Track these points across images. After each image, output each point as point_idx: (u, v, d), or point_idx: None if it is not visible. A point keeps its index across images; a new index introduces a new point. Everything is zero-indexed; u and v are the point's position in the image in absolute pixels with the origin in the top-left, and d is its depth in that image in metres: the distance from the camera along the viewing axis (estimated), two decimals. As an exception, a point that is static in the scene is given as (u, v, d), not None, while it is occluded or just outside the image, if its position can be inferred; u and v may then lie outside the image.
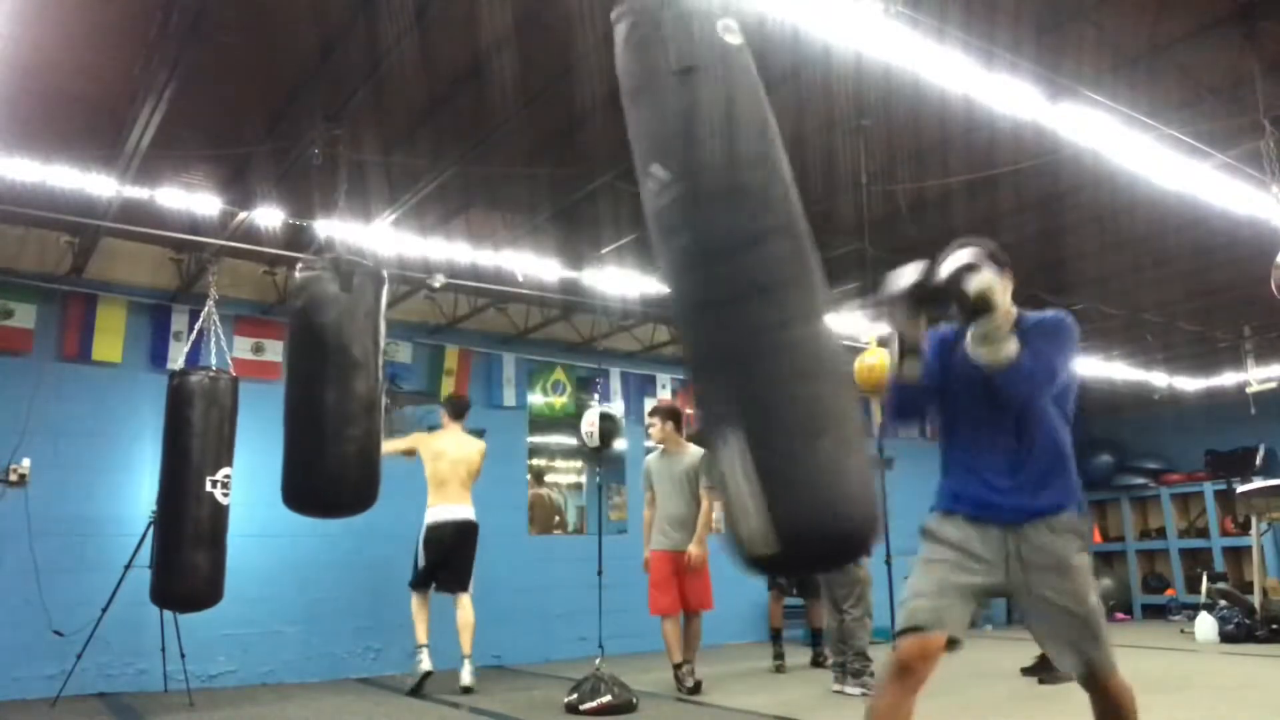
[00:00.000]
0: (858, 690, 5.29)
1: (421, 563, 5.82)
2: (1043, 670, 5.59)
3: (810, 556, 1.89)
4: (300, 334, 4.25)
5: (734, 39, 1.99)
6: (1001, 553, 2.34)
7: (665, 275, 2.03)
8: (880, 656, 5.04)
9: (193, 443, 4.99)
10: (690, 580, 5.68)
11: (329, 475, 4.06)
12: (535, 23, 3.95)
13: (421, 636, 5.72)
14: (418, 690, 5.59)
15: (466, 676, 5.65)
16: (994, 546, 2.35)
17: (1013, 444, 2.40)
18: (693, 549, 5.65)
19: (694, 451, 5.90)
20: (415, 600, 5.83)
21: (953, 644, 2.26)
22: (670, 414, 6.12)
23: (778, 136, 2.03)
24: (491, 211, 6.29)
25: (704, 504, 5.78)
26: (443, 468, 5.90)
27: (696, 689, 5.49)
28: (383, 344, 4.31)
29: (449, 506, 5.85)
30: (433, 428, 6.40)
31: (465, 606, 5.81)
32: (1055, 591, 2.30)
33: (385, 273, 4.47)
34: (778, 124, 2.04)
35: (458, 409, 6.25)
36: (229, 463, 5.07)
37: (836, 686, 5.43)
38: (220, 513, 4.99)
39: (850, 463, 1.84)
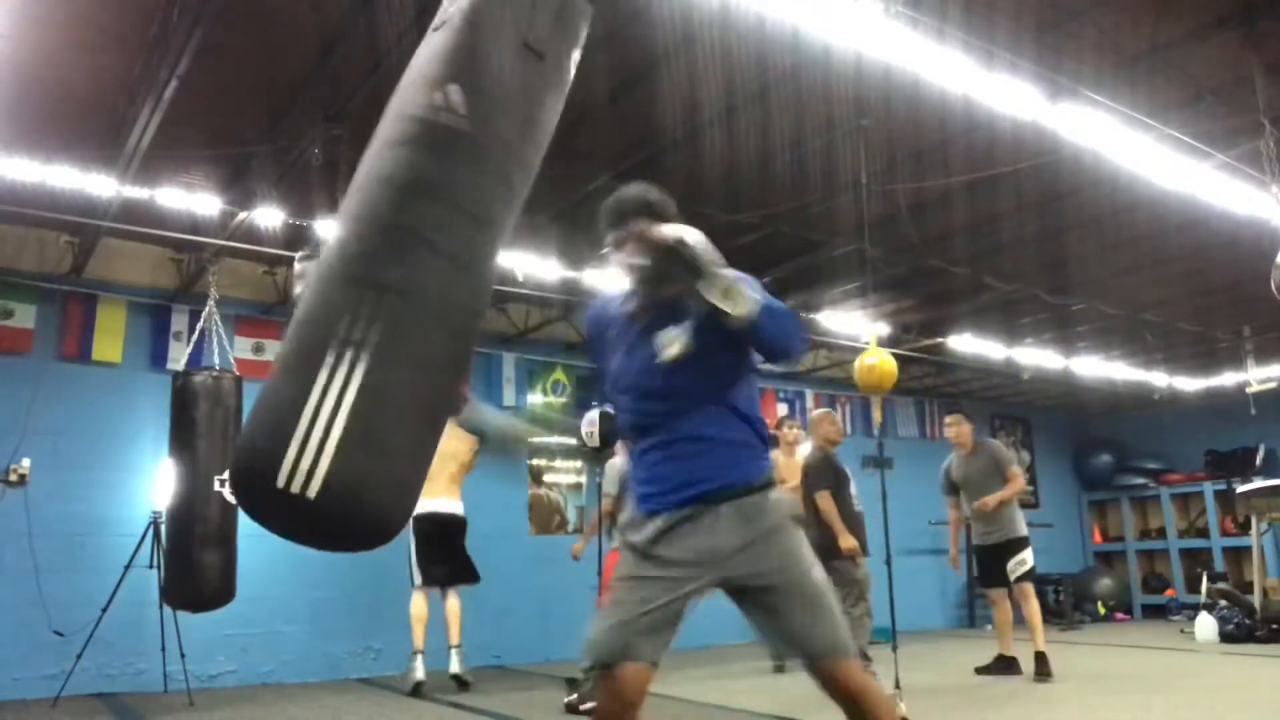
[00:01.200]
0: None
1: (415, 559, 5.81)
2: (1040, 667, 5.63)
3: (333, 524, 1.73)
4: None
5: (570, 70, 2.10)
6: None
7: (375, 162, 1.92)
8: (879, 656, 5.05)
9: (199, 443, 5.00)
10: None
11: None
12: (535, 23, 3.95)
13: (419, 642, 5.69)
14: (415, 693, 5.60)
15: (455, 665, 5.65)
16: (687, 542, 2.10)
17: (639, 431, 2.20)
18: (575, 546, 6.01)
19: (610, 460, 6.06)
20: (416, 600, 5.80)
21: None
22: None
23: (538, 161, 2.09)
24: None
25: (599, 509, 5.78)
26: (432, 462, 5.88)
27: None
28: None
29: (434, 500, 5.81)
30: None
31: (452, 596, 5.81)
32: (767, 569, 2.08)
33: None
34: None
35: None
36: (234, 462, 5.07)
37: None
38: (229, 512, 4.99)
39: (415, 466, 1.85)
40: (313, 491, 1.62)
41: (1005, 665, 5.99)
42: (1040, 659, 5.64)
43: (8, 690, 5.45)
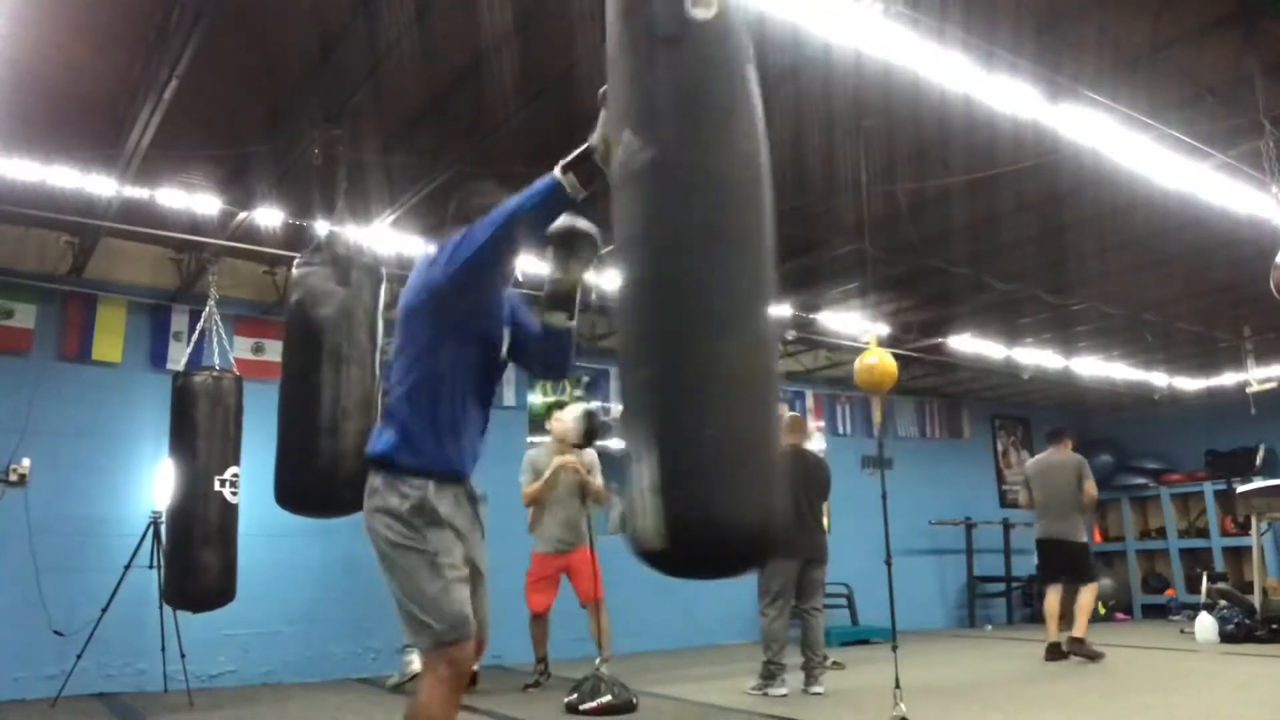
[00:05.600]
0: (821, 689, 5.36)
1: None
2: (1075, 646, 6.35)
3: (693, 557, 1.71)
4: (296, 329, 4.24)
5: (702, 12, 1.82)
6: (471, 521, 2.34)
7: (619, 231, 1.86)
8: (879, 655, 5.05)
9: (199, 443, 5.00)
10: (582, 575, 5.83)
11: (323, 472, 4.02)
12: (535, 22, 3.95)
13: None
14: (400, 689, 5.61)
15: None
16: (469, 514, 2.33)
17: (485, 402, 2.42)
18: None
19: (592, 455, 6.03)
20: None
21: None
22: None
23: (752, 123, 1.89)
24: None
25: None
26: None
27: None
28: (380, 340, 4.29)
29: None
30: None
31: None
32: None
33: (383, 269, 4.45)
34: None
35: None
36: (236, 462, 5.07)
37: (817, 688, 5.38)
38: (230, 512, 5.00)
39: (763, 476, 1.73)
40: (661, 544, 1.66)
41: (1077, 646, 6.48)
42: (1075, 643, 6.40)
43: (8, 690, 5.45)
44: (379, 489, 2.22)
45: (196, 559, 4.89)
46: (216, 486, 4.94)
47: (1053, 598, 6.70)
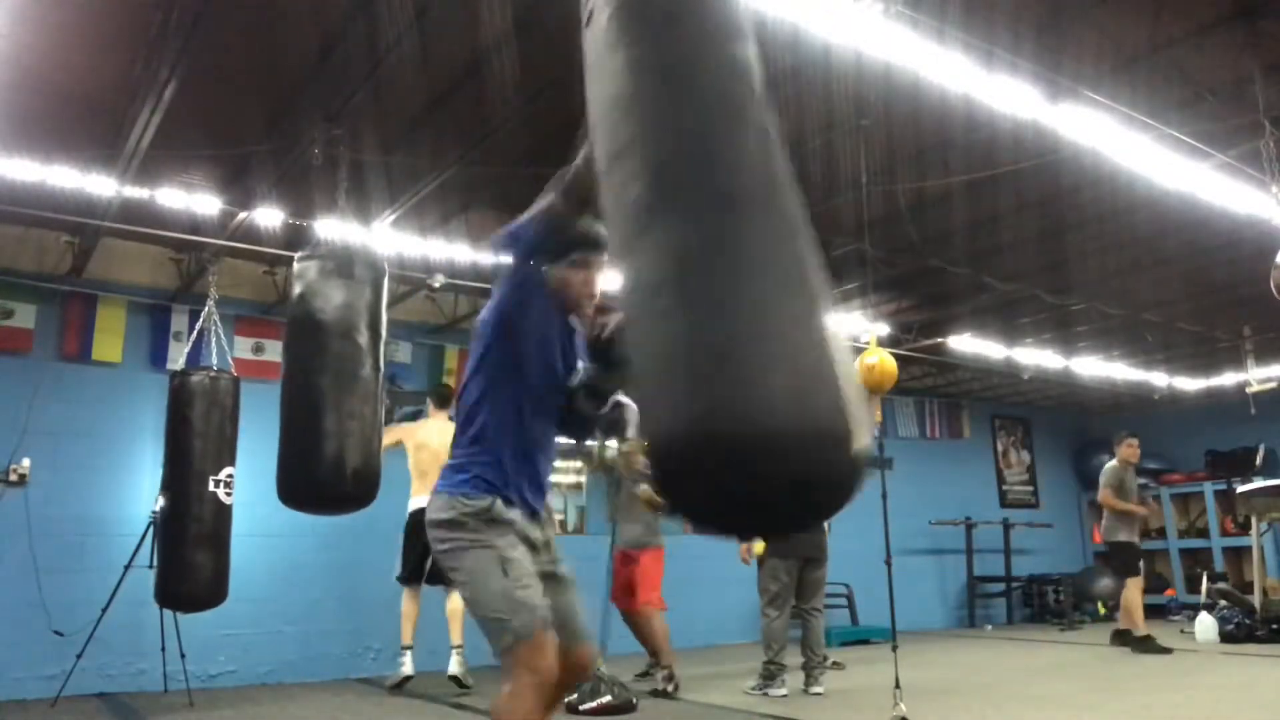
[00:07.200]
0: (821, 689, 5.38)
1: (401, 553, 5.79)
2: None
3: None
4: (298, 323, 4.21)
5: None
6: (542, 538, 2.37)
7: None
8: (879, 655, 5.05)
9: (194, 443, 5.00)
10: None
11: (328, 468, 3.99)
12: (535, 23, 3.95)
13: (407, 638, 5.71)
14: (398, 690, 5.61)
15: (454, 666, 5.63)
16: (539, 532, 2.36)
17: (550, 432, 2.45)
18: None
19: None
20: (405, 596, 5.80)
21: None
22: None
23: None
24: (491, 211, 6.29)
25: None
26: (424, 458, 5.83)
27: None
28: (384, 334, 4.27)
29: (427, 496, 5.80)
30: (416, 414, 6.35)
31: (455, 594, 5.79)
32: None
33: (385, 263, 4.44)
34: (778, 124, 1.93)
35: (443, 397, 6.18)
36: (231, 463, 5.07)
37: (817, 688, 5.41)
38: (223, 512, 4.99)
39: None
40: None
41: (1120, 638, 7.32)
42: (1130, 638, 7.17)
43: (8, 690, 5.44)
44: (440, 506, 2.28)
45: (189, 559, 4.89)
46: (211, 487, 4.94)
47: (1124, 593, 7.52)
